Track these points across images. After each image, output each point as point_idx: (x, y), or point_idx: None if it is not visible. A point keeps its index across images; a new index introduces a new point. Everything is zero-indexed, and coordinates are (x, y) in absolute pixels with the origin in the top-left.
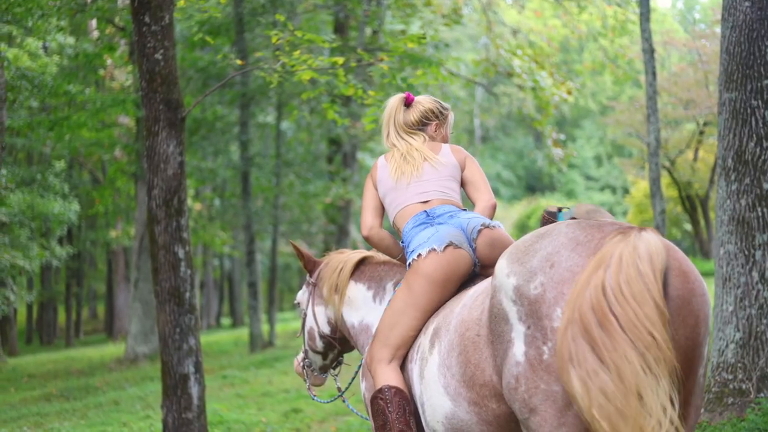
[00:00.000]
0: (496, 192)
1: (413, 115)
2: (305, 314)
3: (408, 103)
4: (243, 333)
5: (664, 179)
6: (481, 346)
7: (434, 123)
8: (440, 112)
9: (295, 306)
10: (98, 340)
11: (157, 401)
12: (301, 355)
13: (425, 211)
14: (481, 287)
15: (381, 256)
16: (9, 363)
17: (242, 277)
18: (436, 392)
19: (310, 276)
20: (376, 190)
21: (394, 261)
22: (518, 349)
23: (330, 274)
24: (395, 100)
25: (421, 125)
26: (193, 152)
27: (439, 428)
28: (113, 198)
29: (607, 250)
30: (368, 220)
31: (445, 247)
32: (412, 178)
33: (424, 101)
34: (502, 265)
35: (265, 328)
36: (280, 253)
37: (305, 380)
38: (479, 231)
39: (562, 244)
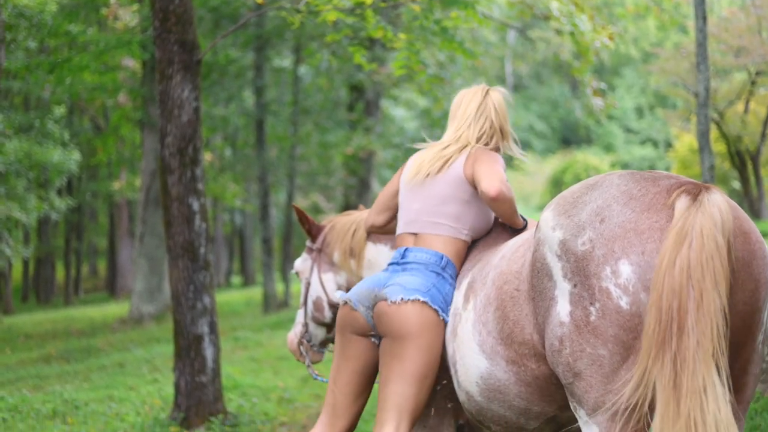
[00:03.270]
0: (527, 144)
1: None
2: (309, 283)
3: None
4: (256, 292)
5: (712, 133)
6: (521, 301)
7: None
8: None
9: (296, 275)
10: (99, 298)
11: (165, 364)
12: (297, 330)
13: (406, 249)
14: (522, 238)
15: None
16: (4, 322)
17: (255, 233)
18: (470, 350)
19: (313, 241)
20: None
21: None
22: (562, 309)
23: (341, 238)
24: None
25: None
26: (204, 98)
27: (473, 389)
28: (117, 147)
29: (688, 223)
30: (371, 217)
31: (344, 302)
32: (414, 197)
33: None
34: (547, 217)
35: (279, 287)
36: None
37: (302, 358)
38: (374, 304)
39: (613, 198)
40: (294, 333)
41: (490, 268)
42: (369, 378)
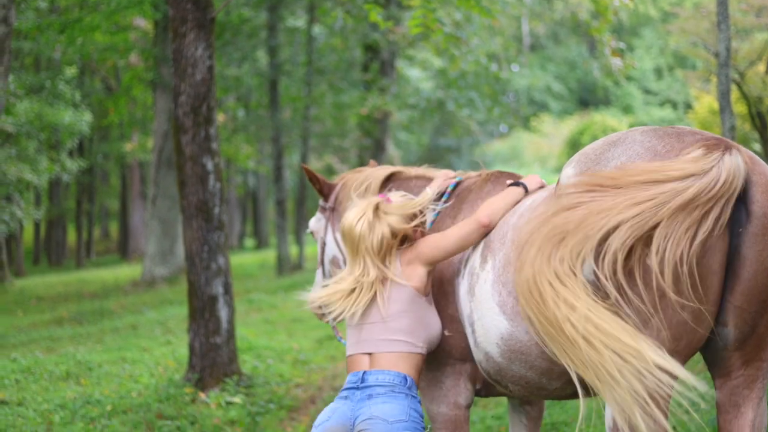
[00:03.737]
0: (544, 106)
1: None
2: (324, 242)
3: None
4: (269, 255)
5: (733, 94)
6: None
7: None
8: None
9: (311, 235)
10: (111, 261)
11: (178, 326)
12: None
13: (364, 372)
14: (541, 196)
15: (413, 170)
16: (15, 284)
17: (268, 195)
18: (490, 311)
19: (326, 201)
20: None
21: (430, 174)
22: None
23: (353, 195)
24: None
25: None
26: (217, 58)
27: (493, 350)
28: (128, 108)
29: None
30: None
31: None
32: (359, 316)
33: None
34: (569, 174)
35: (293, 249)
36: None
37: (325, 318)
38: None
39: (637, 154)
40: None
41: (508, 227)
42: None
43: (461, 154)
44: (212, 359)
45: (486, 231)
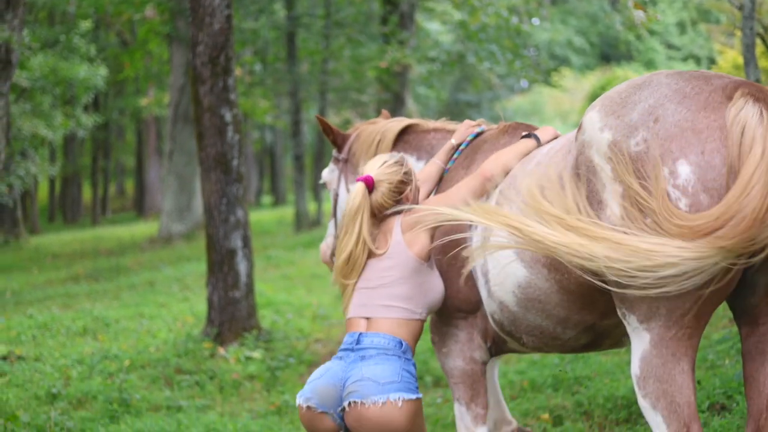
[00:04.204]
0: (565, 60)
1: (385, 199)
2: (337, 194)
3: (371, 188)
4: (287, 211)
5: (758, 48)
6: None
7: (407, 193)
8: (407, 175)
9: (323, 186)
10: (127, 218)
11: (196, 283)
12: (329, 241)
13: (360, 334)
14: (559, 143)
15: (429, 123)
16: (31, 242)
17: (286, 151)
18: (506, 259)
19: (339, 152)
20: None
21: (447, 127)
22: (615, 212)
23: (367, 147)
24: (359, 191)
25: (396, 204)
26: (234, 11)
27: (509, 299)
28: (144, 62)
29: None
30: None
31: (307, 407)
32: (359, 280)
33: (389, 174)
34: (593, 119)
35: (311, 205)
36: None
37: None
38: (348, 405)
39: (666, 96)
40: (326, 244)
41: (524, 175)
42: None
43: (481, 110)
44: (231, 313)
45: (492, 184)
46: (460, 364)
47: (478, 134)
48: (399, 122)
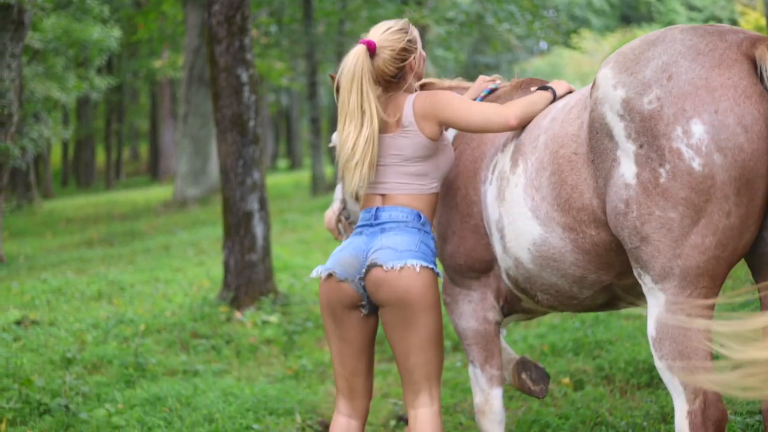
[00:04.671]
0: (585, 22)
1: (387, 66)
2: None
3: (372, 52)
4: (303, 175)
5: None
6: (579, 165)
7: (410, 61)
8: (411, 43)
9: (333, 150)
10: (141, 182)
11: (211, 247)
12: (335, 207)
13: (377, 208)
14: (574, 98)
15: (444, 82)
16: (44, 206)
17: (302, 114)
18: (521, 215)
19: None
20: None
21: (463, 85)
22: (627, 170)
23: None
24: (359, 52)
25: (399, 75)
26: None
27: (524, 255)
28: (158, 23)
29: None
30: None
31: (328, 276)
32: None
33: (392, 40)
34: (606, 75)
35: (328, 169)
36: None
37: (341, 236)
38: (368, 269)
39: (679, 53)
40: (332, 210)
41: (540, 130)
42: (372, 350)
43: (500, 71)
44: (248, 277)
45: (508, 129)
46: (473, 324)
47: (492, 90)
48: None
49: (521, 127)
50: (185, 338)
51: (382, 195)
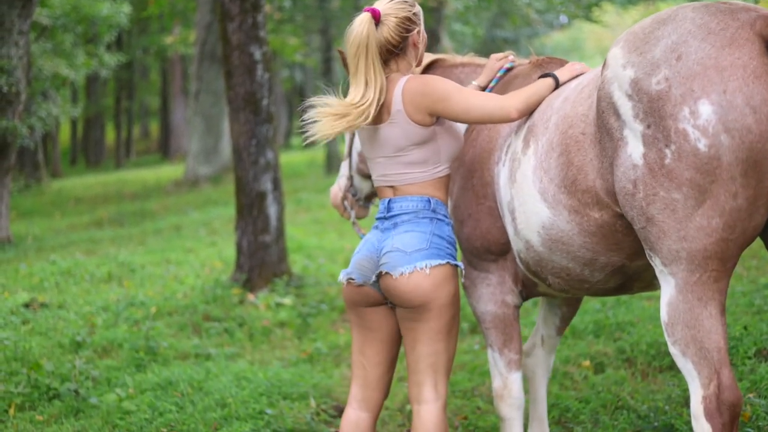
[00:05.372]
0: None
1: (391, 34)
2: (353, 133)
3: (377, 21)
4: (317, 153)
5: None
6: (586, 145)
7: (413, 34)
8: (416, 16)
9: None
10: (152, 160)
11: (224, 227)
12: (342, 183)
13: (389, 200)
14: (587, 78)
15: (457, 58)
16: (52, 186)
17: (316, 90)
18: (531, 198)
19: None
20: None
21: (476, 61)
22: (635, 151)
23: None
24: (364, 19)
25: (401, 47)
26: None
27: (534, 238)
28: None
29: None
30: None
31: (347, 280)
32: (373, 148)
33: (396, 8)
34: (616, 54)
35: (342, 147)
36: None
37: (347, 213)
38: (379, 275)
39: (689, 32)
40: (338, 186)
41: (552, 111)
42: (397, 344)
43: (519, 47)
44: (261, 258)
45: (509, 121)
46: (491, 308)
47: (509, 69)
48: (425, 57)
49: (523, 117)
50: (197, 321)
51: (392, 187)
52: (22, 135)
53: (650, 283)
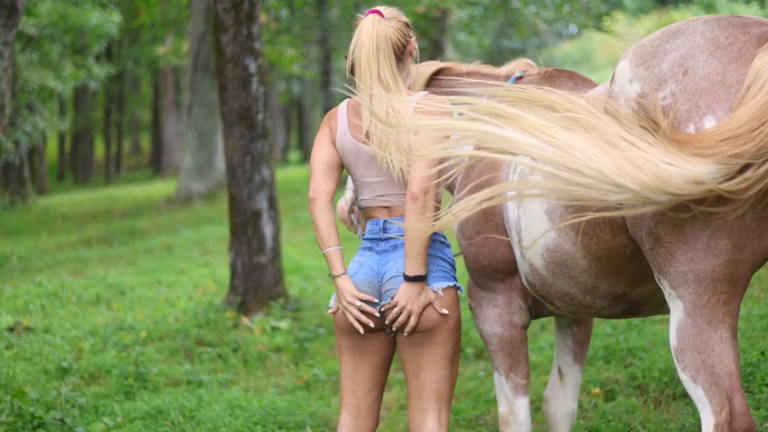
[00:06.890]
0: (618, 3)
1: (397, 35)
2: None
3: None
4: None
5: None
6: None
7: (412, 41)
8: (408, 26)
9: None
10: (143, 176)
11: (217, 247)
12: (348, 196)
13: (384, 221)
14: (596, 92)
15: (463, 67)
16: (39, 203)
17: (315, 103)
18: (537, 219)
19: None
20: (335, 147)
21: (482, 70)
22: None
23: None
24: (374, 19)
25: (404, 52)
26: None
27: (537, 262)
28: (161, 7)
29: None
30: (317, 184)
31: (338, 307)
32: (368, 169)
33: (396, 13)
34: (624, 68)
35: None
36: None
37: (353, 227)
38: (382, 308)
39: (698, 46)
40: (344, 200)
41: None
42: (388, 369)
43: (527, 58)
44: (256, 280)
45: None
46: (498, 330)
47: (519, 78)
48: (431, 65)
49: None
50: (189, 346)
51: (387, 207)
52: (7, 150)
53: (660, 306)
